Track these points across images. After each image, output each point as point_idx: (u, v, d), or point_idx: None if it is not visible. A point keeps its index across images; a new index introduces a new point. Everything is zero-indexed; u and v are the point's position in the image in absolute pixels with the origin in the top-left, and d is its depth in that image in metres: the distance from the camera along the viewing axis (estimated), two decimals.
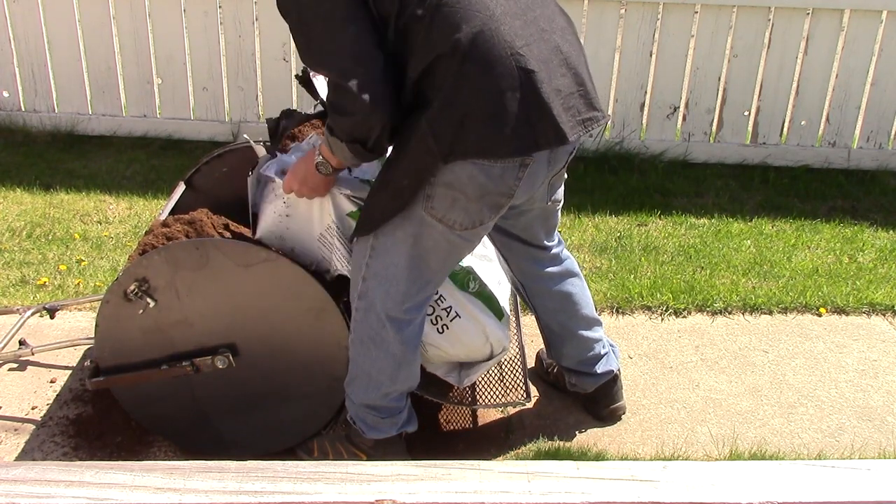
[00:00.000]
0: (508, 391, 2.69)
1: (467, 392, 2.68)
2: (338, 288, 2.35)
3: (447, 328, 2.36)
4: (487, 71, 1.89)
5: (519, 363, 2.71)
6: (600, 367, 2.56)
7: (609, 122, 4.59)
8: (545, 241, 2.42)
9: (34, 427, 2.55)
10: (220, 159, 2.73)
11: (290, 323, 2.26)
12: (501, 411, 2.69)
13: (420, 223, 2.06)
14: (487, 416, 2.68)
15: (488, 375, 2.75)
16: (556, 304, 2.49)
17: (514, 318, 2.79)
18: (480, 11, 1.91)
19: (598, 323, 2.57)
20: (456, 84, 1.90)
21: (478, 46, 1.89)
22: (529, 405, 2.72)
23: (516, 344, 2.76)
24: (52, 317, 2.95)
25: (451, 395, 2.63)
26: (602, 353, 2.56)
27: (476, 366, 2.46)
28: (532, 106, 1.92)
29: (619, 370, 2.62)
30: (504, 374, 2.77)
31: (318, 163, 2.12)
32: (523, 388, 2.61)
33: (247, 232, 2.50)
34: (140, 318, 2.25)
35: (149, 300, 2.22)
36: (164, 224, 2.44)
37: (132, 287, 2.22)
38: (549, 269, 2.46)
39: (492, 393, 2.69)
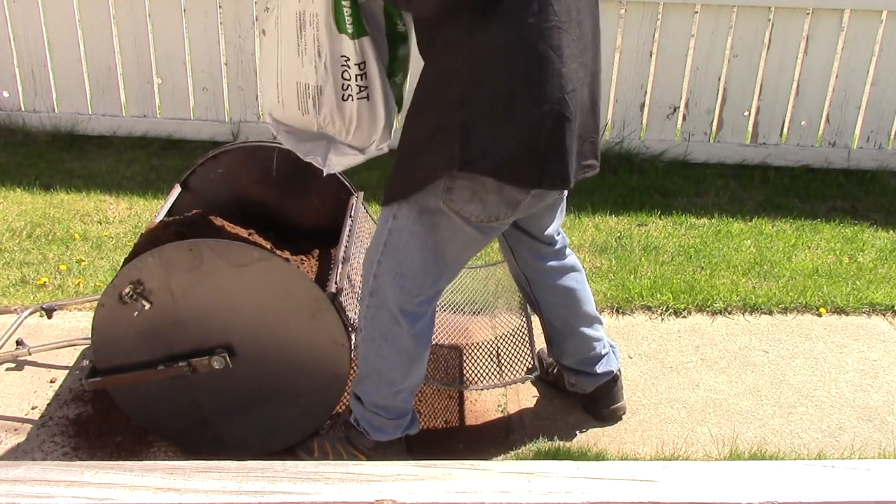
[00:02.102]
0: (513, 370, 2.70)
1: (473, 377, 2.68)
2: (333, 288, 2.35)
3: (351, 99, 2.18)
4: (537, 106, 1.96)
5: (526, 340, 2.72)
6: (600, 368, 2.56)
7: (609, 122, 4.59)
8: (550, 234, 2.45)
9: (34, 427, 2.54)
10: (214, 161, 2.73)
11: (285, 322, 2.26)
12: (501, 411, 2.69)
13: (438, 215, 2.10)
14: (487, 415, 2.68)
15: (490, 358, 2.75)
16: (558, 298, 2.50)
17: (521, 296, 2.81)
18: (553, 48, 1.94)
19: (599, 321, 2.58)
20: (506, 103, 1.95)
21: (541, 81, 1.95)
22: (531, 404, 2.72)
23: (524, 321, 2.78)
24: (49, 317, 2.95)
25: (459, 380, 2.66)
26: (602, 353, 2.56)
27: (346, 152, 2.27)
28: (555, 149, 2.00)
29: (619, 371, 2.62)
30: (509, 354, 2.78)
31: None
32: (529, 362, 2.63)
33: (242, 233, 2.50)
34: (136, 320, 2.25)
35: (144, 302, 2.22)
36: (159, 226, 2.44)
37: (127, 290, 2.21)
38: (553, 263, 2.48)
39: (496, 373, 2.70)
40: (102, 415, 2.57)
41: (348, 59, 2.12)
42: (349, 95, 2.18)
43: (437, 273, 2.20)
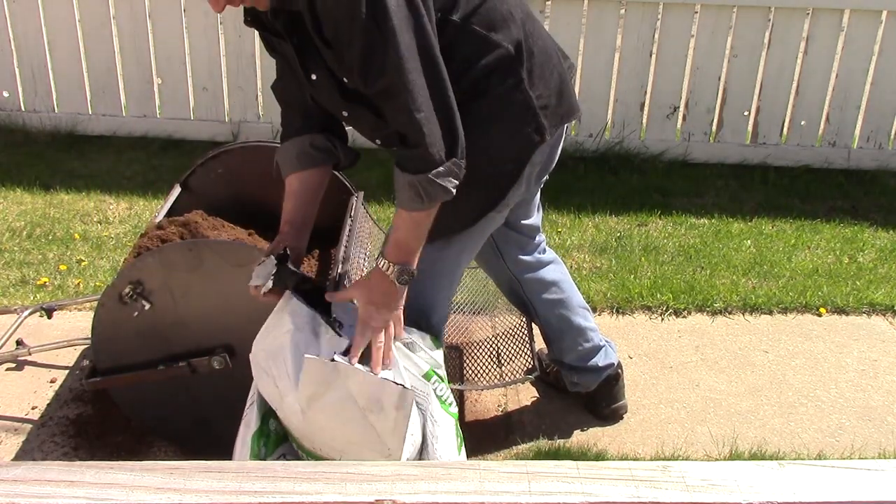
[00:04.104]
0: (513, 370, 2.71)
1: (473, 377, 2.69)
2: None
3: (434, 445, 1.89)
4: (562, 57, 2.17)
5: (526, 340, 2.73)
6: (601, 360, 2.57)
7: (609, 122, 4.60)
8: (535, 226, 2.48)
9: (34, 427, 2.54)
10: (215, 160, 2.73)
11: None
12: (501, 411, 2.69)
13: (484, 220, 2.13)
14: (487, 415, 2.68)
15: (490, 358, 2.75)
16: (548, 290, 2.52)
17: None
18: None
19: (589, 310, 2.61)
20: (541, 71, 2.04)
21: (550, 46, 2.15)
22: (531, 404, 2.72)
23: (523, 321, 2.79)
24: (49, 317, 2.94)
25: (459, 380, 2.69)
26: (600, 344, 2.57)
27: None
28: (571, 86, 2.19)
29: (620, 366, 2.63)
30: (509, 353, 2.78)
31: (399, 273, 1.89)
32: (529, 362, 2.64)
33: (242, 233, 2.50)
34: (136, 320, 2.25)
35: (144, 303, 2.22)
36: (159, 226, 2.44)
37: (127, 290, 2.21)
38: (539, 256, 2.51)
39: (496, 373, 2.70)
40: (102, 415, 2.57)
41: None
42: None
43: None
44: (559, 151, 2.21)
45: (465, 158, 1.84)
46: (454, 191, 1.84)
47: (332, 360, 1.75)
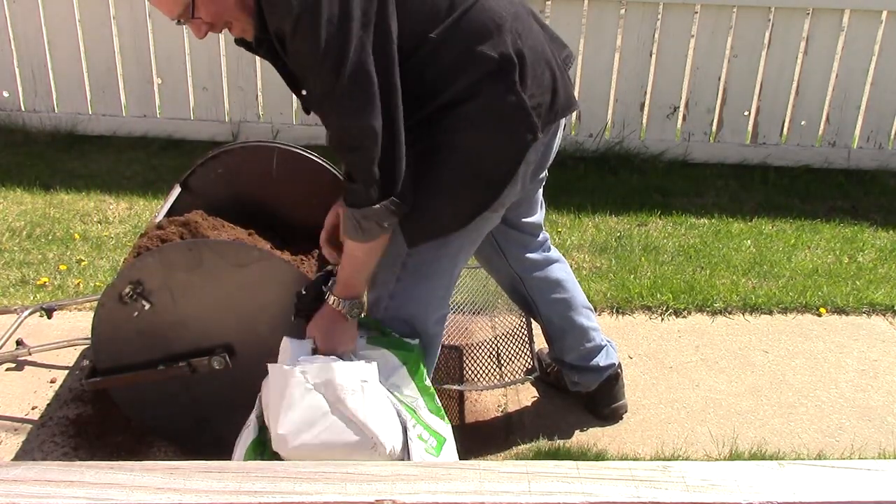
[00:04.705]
0: (513, 370, 2.71)
1: (473, 377, 2.69)
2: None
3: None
4: (558, 48, 2.16)
5: (526, 340, 2.73)
6: (602, 360, 2.57)
7: (609, 122, 4.60)
8: (536, 224, 2.47)
9: (34, 427, 2.54)
10: (214, 161, 2.72)
11: (285, 322, 2.26)
12: (501, 411, 2.69)
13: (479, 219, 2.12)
14: (487, 415, 2.68)
15: (490, 358, 2.75)
16: (552, 290, 2.52)
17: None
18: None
19: (592, 310, 2.61)
20: (533, 70, 2.01)
21: (541, 42, 2.11)
22: (531, 404, 2.72)
23: (524, 321, 2.79)
24: (49, 317, 2.94)
25: (459, 380, 2.70)
26: (601, 343, 2.57)
27: None
28: (567, 79, 2.17)
29: (620, 366, 2.63)
30: (509, 354, 2.78)
31: (350, 308, 2.03)
32: (529, 362, 2.64)
33: (242, 233, 2.51)
34: (136, 320, 2.25)
35: (144, 302, 2.22)
36: (159, 226, 2.44)
37: (127, 290, 2.21)
38: (542, 254, 2.51)
39: (496, 373, 2.70)
40: (102, 415, 2.57)
41: None
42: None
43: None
44: (556, 148, 2.20)
45: (406, 198, 1.90)
46: (390, 228, 1.94)
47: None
